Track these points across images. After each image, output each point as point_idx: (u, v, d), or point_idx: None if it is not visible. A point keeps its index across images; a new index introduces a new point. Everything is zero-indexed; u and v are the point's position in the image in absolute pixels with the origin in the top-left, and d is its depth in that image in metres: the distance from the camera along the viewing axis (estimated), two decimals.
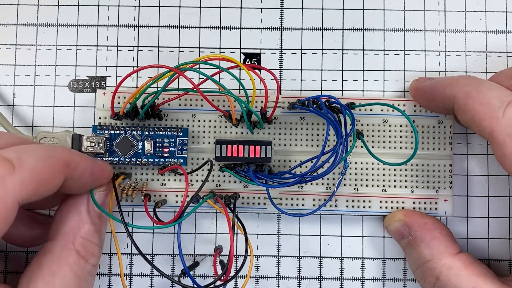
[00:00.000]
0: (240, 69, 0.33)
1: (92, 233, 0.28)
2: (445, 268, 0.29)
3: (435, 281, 0.29)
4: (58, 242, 0.27)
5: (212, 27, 0.34)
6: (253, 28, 0.34)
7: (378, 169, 0.32)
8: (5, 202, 0.22)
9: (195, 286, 0.28)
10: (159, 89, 0.29)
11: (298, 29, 0.34)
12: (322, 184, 0.32)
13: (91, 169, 0.27)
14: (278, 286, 0.33)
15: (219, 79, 0.33)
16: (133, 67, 0.34)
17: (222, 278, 0.28)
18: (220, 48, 0.34)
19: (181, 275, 0.31)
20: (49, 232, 0.27)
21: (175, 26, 0.34)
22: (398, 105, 0.32)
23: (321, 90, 0.34)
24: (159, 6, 0.34)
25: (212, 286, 0.28)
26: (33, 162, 0.23)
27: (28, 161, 0.23)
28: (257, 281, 0.33)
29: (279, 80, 0.34)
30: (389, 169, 0.32)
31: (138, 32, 0.34)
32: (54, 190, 0.25)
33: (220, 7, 0.34)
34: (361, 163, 0.32)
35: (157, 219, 0.30)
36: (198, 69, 0.33)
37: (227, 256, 0.33)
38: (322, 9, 0.34)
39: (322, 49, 0.34)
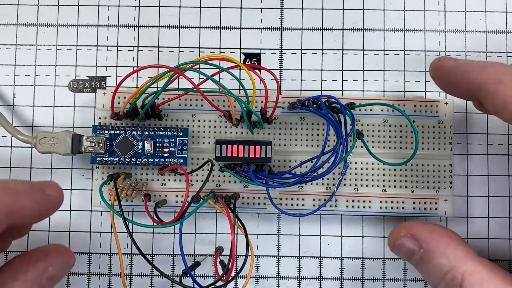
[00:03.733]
0: (240, 69, 0.33)
1: None
2: (467, 275, 0.26)
3: None
4: None
5: (212, 27, 0.34)
6: (253, 28, 0.34)
7: (378, 169, 0.32)
8: None
9: (196, 286, 0.28)
10: (159, 89, 0.29)
11: (298, 29, 0.34)
12: (322, 184, 0.32)
13: (38, 206, 0.25)
14: (278, 286, 0.33)
15: (219, 79, 0.33)
16: (133, 67, 0.34)
17: (223, 278, 0.28)
18: (220, 48, 0.34)
19: (182, 275, 0.32)
20: None
21: (175, 26, 0.34)
22: (398, 105, 0.32)
23: (321, 90, 0.34)
24: (159, 6, 0.34)
25: (213, 286, 0.28)
26: None
27: None
28: (257, 281, 0.33)
29: (279, 80, 0.34)
30: (389, 169, 0.32)
31: (138, 32, 0.34)
32: None
33: (220, 7, 0.34)
34: (361, 163, 0.32)
35: (157, 219, 0.30)
36: (198, 69, 0.33)
37: (227, 256, 0.33)
38: (322, 9, 0.34)
39: (322, 49, 0.34)
